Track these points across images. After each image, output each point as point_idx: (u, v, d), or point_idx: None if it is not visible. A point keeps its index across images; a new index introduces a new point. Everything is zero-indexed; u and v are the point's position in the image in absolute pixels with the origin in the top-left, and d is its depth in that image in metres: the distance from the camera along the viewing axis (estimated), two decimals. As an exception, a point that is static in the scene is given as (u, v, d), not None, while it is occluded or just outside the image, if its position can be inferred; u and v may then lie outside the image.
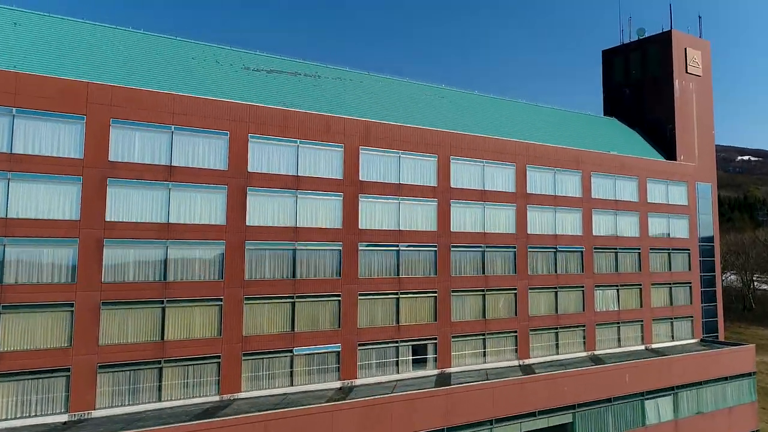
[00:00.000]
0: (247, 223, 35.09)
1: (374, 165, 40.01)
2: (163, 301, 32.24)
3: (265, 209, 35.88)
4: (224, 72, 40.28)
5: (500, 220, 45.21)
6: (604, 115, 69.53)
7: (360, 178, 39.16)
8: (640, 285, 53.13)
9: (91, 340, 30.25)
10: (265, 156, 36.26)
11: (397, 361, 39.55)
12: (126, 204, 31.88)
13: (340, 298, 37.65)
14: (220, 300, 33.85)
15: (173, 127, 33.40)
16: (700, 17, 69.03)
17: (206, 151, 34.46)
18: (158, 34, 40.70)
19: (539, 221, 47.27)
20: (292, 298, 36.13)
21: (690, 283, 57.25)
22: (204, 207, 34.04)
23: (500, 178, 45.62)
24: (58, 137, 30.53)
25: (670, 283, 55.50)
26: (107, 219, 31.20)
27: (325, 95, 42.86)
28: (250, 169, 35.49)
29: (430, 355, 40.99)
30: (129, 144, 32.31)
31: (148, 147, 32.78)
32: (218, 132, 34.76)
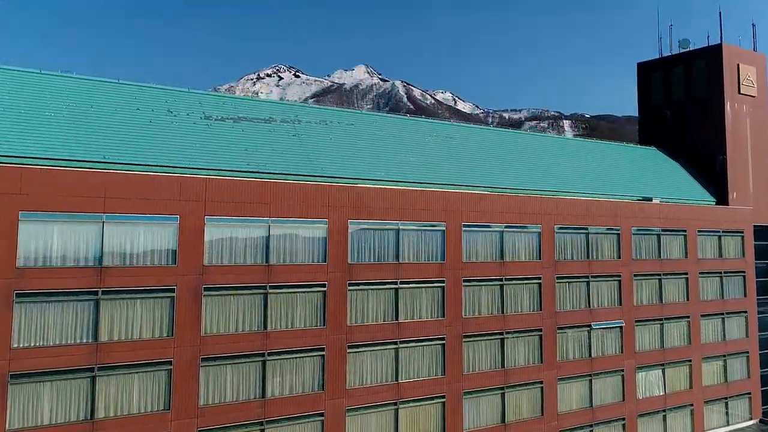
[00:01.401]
0: (202, 333, 29.27)
1: (367, 242, 34.13)
2: (89, 447, 26.50)
3: (226, 313, 30.06)
4: (179, 125, 34.23)
5: (523, 297, 39.27)
6: (640, 137, 63.35)
7: (349, 261, 33.28)
8: (690, 360, 47.16)
9: None
10: (227, 242, 30.40)
11: (396, 486, 33.85)
12: (39, 324, 26.07)
13: (322, 418, 31.86)
14: (167, 438, 28.10)
15: (104, 215, 27.49)
16: (753, 25, 62.56)
17: (149, 242, 28.59)
18: (94, 78, 34.40)
19: (570, 294, 41.31)
20: (261, 424, 30.36)
21: (747, 351, 51.28)
22: (145, 318, 28.21)
23: (523, 244, 39.62)
24: (-53, 242, 24.66)
25: (724, 355, 49.52)
26: (13, 346, 25.41)
27: (306, 149, 36.82)
28: (206, 262, 29.65)
29: (437, 473, 35.25)
30: (44, 242, 26.46)
31: (71, 244, 26.93)
32: (165, 217, 28.85)
